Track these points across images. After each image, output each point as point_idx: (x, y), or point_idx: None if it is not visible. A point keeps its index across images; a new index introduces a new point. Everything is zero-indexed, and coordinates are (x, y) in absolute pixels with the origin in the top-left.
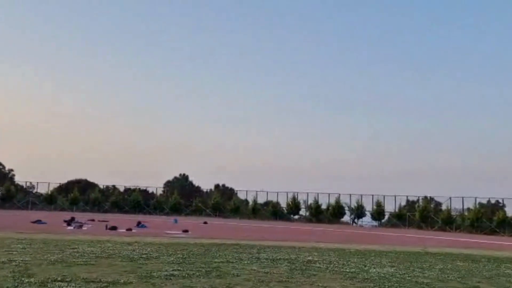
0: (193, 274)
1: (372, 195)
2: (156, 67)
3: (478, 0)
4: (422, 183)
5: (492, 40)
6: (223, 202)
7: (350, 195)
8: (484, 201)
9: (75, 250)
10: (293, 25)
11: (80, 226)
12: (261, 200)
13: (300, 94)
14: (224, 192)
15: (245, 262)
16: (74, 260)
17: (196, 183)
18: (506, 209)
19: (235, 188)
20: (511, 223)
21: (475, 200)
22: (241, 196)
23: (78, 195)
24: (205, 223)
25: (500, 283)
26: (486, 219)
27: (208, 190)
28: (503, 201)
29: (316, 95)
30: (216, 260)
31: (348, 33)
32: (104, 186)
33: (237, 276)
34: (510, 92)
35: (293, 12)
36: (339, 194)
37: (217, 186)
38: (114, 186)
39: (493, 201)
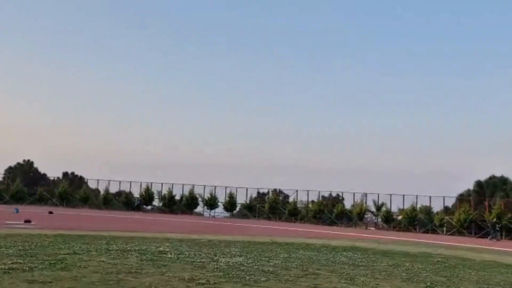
0: (36, 267)
1: (225, 187)
2: None
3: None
4: (273, 176)
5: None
6: (72, 191)
7: (204, 186)
8: (327, 194)
9: None
10: None
11: None
12: (113, 189)
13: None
14: (73, 181)
15: (93, 253)
16: None
17: (42, 170)
18: (345, 202)
19: (86, 177)
20: (349, 215)
21: (319, 194)
22: (92, 185)
23: None
24: (51, 213)
25: (337, 269)
26: (327, 211)
27: (56, 178)
28: (342, 194)
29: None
30: (61, 252)
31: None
32: None
33: (84, 268)
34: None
35: None
36: (193, 185)
37: (65, 174)
38: None
39: (334, 195)
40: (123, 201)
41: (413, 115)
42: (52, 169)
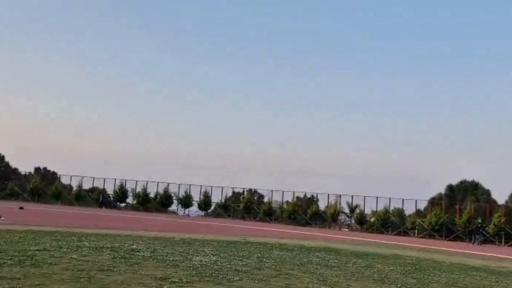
0: (4, 263)
1: (200, 186)
2: None
3: None
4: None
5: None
6: (44, 187)
7: (179, 184)
8: (301, 195)
9: None
10: None
11: None
12: (86, 186)
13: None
14: (45, 176)
15: (64, 250)
16: None
17: (13, 164)
18: (319, 203)
19: (59, 172)
20: (323, 216)
21: (293, 194)
22: (65, 181)
23: None
24: (21, 208)
25: (309, 270)
26: (301, 211)
27: (27, 173)
28: (317, 195)
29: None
30: (31, 248)
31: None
32: None
33: (55, 265)
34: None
35: None
36: (168, 183)
37: (37, 169)
38: None
39: (308, 196)
40: (96, 197)
41: (387, 118)
42: (24, 164)
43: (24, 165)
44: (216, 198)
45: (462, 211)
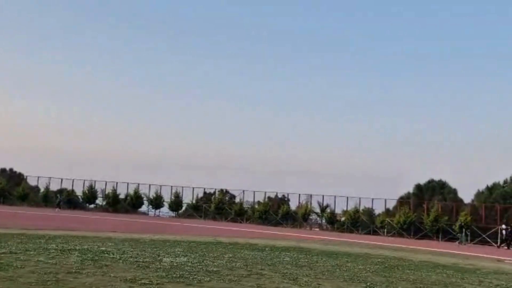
0: None
1: (171, 186)
2: None
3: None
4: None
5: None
6: (10, 188)
7: (150, 185)
8: (273, 195)
9: None
10: None
11: None
12: (54, 187)
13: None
14: (12, 177)
15: (31, 253)
16: None
17: None
18: (290, 203)
19: (25, 174)
20: (294, 216)
21: (265, 194)
22: (32, 182)
23: None
24: None
25: (280, 269)
26: (273, 212)
27: None
28: (288, 195)
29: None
30: None
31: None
32: None
33: (21, 268)
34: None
35: None
36: (138, 184)
37: (3, 170)
38: None
39: (280, 196)
40: (64, 198)
41: (358, 118)
42: None
43: None
44: (187, 199)
45: (430, 210)
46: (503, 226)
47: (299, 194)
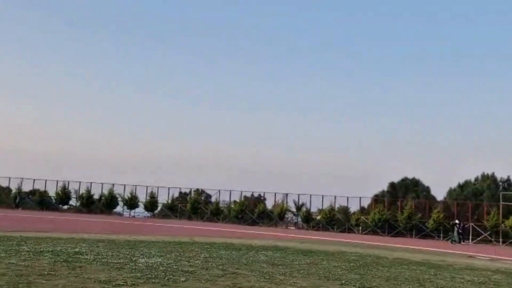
0: None
1: (147, 186)
2: None
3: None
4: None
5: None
6: None
7: (125, 185)
8: (249, 195)
9: None
10: None
11: None
12: (26, 188)
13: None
14: None
15: (2, 255)
16: None
17: None
18: (266, 202)
19: None
20: (270, 215)
21: (241, 194)
22: (3, 183)
23: None
24: None
25: (256, 268)
26: (249, 211)
27: None
28: (264, 195)
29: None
30: None
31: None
32: None
33: None
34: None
35: None
36: (113, 184)
37: None
38: None
39: (256, 195)
40: (37, 199)
41: (333, 118)
42: None
43: None
44: (163, 199)
45: (404, 208)
46: (456, 221)
47: (275, 193)
